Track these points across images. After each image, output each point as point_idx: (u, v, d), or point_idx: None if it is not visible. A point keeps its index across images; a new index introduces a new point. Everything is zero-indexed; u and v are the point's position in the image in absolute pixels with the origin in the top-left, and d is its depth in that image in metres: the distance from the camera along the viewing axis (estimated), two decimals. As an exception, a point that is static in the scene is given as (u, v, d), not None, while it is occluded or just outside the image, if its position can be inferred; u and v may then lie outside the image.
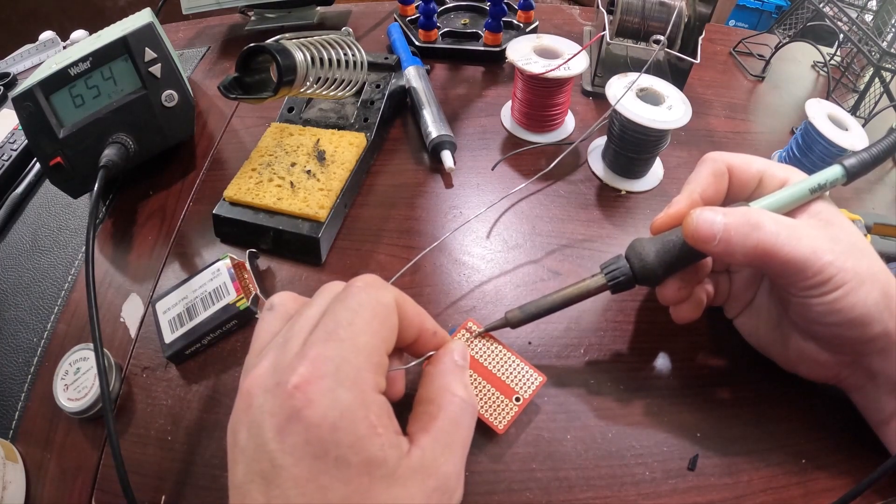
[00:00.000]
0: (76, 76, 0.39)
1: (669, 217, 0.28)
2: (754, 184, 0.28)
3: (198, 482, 0.29)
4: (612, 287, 0.28)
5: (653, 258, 0.27)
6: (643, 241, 0.28)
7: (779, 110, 0.51)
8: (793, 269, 0.24)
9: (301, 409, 0.18)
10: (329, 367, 0.19)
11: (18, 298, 0.39)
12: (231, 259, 0.35)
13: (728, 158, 0.29)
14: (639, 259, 0.28)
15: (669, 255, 0.27)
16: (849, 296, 0.23)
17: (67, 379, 0.32)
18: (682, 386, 0.30)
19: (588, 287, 0.28)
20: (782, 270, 0.24)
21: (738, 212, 0.25)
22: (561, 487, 0.27)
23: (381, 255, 0.37)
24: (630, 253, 0.28)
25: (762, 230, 0.24)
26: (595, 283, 0.28)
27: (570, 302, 0.29)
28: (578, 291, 0.28)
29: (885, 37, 0.46)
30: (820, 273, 0.23)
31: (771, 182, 0.28)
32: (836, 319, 0.24)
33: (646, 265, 0.28)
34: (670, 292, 0.29)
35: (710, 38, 0.57)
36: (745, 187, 0.29)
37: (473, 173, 0.43)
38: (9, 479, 0.29)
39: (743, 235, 0.24)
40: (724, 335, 0.32)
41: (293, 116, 0.45)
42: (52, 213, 0.44)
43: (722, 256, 0.25)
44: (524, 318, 0.29)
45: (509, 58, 0.42)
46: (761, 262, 0.25)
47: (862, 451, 0.28)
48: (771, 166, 0.28)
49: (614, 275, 0.28)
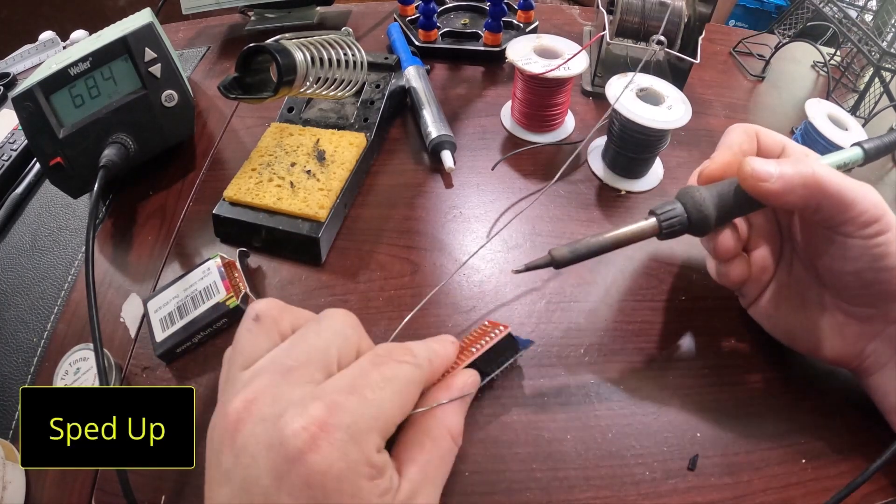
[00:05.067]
0: (76, 76, 0.39)
1: (719, 165, 0.28)
2: (779, 150, 0.29)
3: (198, 482, 0.28)
4: (666, 232, 0.27)
5: (709, 203, 0.27)
6: (698, 188, 0.27)
7: (779, 110, 0.51)
8: (846, 201, 0.24)
9: (306, 452, 0.18)
10: (345, 420, 0.19)
11: (18, 298, 0.39)
12: (221, 258, 0.35)
13: (754, 126, 0.30)
14: (695, 204, 0.27)
15: (725, 203, 0.27)
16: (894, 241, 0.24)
17: (67, 379, 0.32)
18: (682, 386, 0.30)
19: (642, 230, 0.27)
20: (836, 203, 0.24)
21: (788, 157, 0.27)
22: (561, 487, 0.27)
23: (380, 255, 0.37)
24: (684, 198, 0.27)
25: (815, 163, 0.25)
26: (649, 226, 0.27)
27: (620, 244, 0.27)
28: (630, 233, 0.27)
29: (885, 37, 0.46)
30: (868, 211, 0.24)
31: (793, 152, 0.29)
32: (882, 265, 0.24)
33: (702, 211, 0.27)
34: (731, 243, 0.28)
35: (710, 38, 0.57)
36: (772, 153, 0.29)
37: (473, 173, 0.43)
38: (9, 479, 0.29)
39: (798, 171, 0.25)
40: (725, 335, 0.32)
41: (293, 116, 0.45)
42: (52, 213, 0.44)
43: (779, 196, 0.25)
44: (572, 257, 0.26)
45: (509, 58, 0.42)
46: (818, 195, 0.25)
47: (862, 451, 0.28)
48: (791, 141, 0.29)
49: (670, 219, 0.27)
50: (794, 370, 0.31)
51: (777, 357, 0.31)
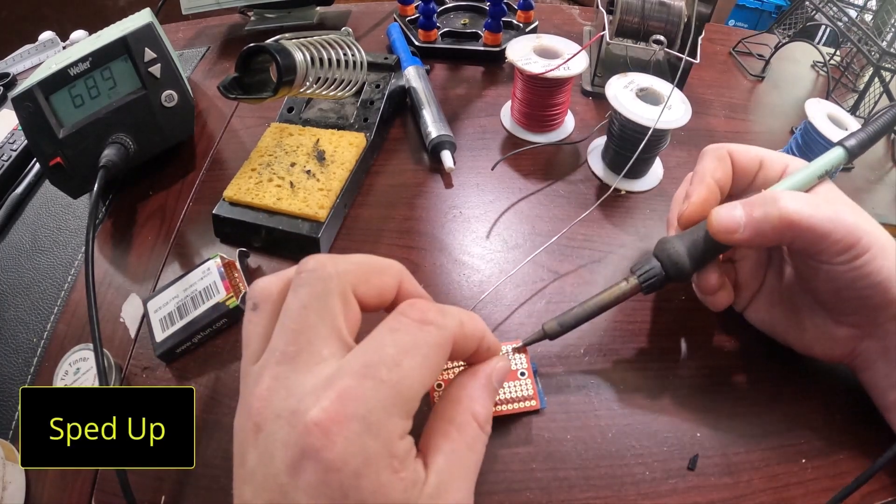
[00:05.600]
0: (76, 76, 0.39)
1: (695, 207, 0.29)
2: (755, 166, 0.29)
3: (198, 482, 0.29)
4: (646, 288, 0.28)
5: (683, 254, 0.28)
6: (671, 240, 0.28)
7: (778, 110, 0.51)
8: (819, 234, 0.24)
9: (320, 449, 0.17)
10: (359, 409, 0.17)
11: (18, 298, 0.39)
12: (221, 258, 0.35)
13: (727, 146, 0.30)
14: (669, 258, 0.28)
15: (698, 250, 0.28)
16: (876, 259, 0.24)
17: (67, 379, 0.32)
18: (682, 386, 0.30)
19: (623, 291, 0.28)
20: (809, 238, 0.25)
21: (754, 197, 0.26)
22: (561, 487, 0.27)
23: (380, 255, 0.37)
24: (660, 253, 0.29)
25: (781, 202, 0.25)
26: (629, 287, 0.28)
27: (605, 308, 0.29)
28: (613, 297, 0.28)
29: (884, 37, 0.46)
30: (843, 239, 0.24)
31: (771, 166, 0.29)
32: (865, 284, 0.24)
33: (678, 263, 0.28)
34: (713, 283, 0.29)
35: (709, 38, 0.57)
36: (748, 171, 0.29)
37: (473, 173, 0.43)
38: (9, 479, 0.29)
39: (764, 214, 0.25)
40: (725, 335, 0.32)
41: (293, 116, 0.45)
42: (51, 214, 0.44)
43: (751, 241, 0.26)
44: (562, 329, 0.29)
45: (509, 58, 0.42)
46: (789, 234, 0.25)
47: (862, 451, 0.28)
48: (768, 153, 0.29)
49: (648, 276, 0.28)
50: (793, 370, 0.31)
51: (777, 357, 0.31)
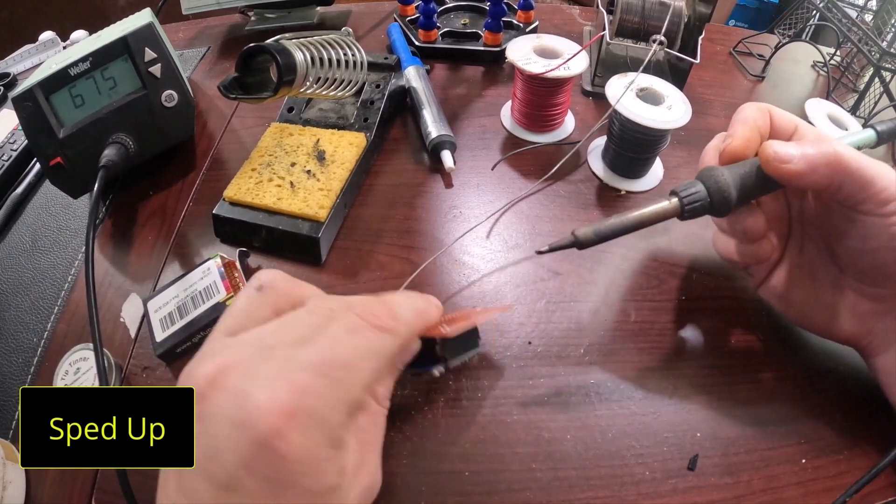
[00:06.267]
0: (76, 76, 0.39)
1: (741, 142, 0.28)
2: (792, 129, 0.29)
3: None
4: (688, 213, 0.27)
5: (730, 183, 0.27)
6: (719, 169, 0.27)
7: (779, 110, 0.51)
8: (867, 179, 0.24)
9: (270, 438, 0.18)
10: (310, 403, 0.19)
11: (18, 298, 0.39)
12: (221, 258, 0.35)
13: (766, 105, 0.29)
14: (716, 185, 0.27)
15: (746, 183, 0.27)
16: None
17: (67, 379, 0.32)
18: (682, 386, 0.30)
19: (664, 210, 0.27)
20: (858, 182, 0.25)
21: (809, 137, 0.26)
22: (561, 487, 0.27)
23: (380, 255, 0.37)
24: (706, 180, 0.27)
25: (835, 144, 0.25)
26: (671, 207, 0.27)
27: (643, 224, 0.27)
28: (653, 214, 0.27)
29: (884, 37, 0.46)
30: (887, 189, 0.24)
31: (807, 133, 0.29)
32: None
33: (724, 192, 0.27)
34: (762, 225, 0.29)
35: (710, 38, 0.57)
36: (784, 131, 0.29)
37: (473, 173, 0.43)
38: (9, 479, 0.29)
39: (820, 150, 0.25)
40: (725, 335, 0.32)
41: (293, 116, 0.45)
42: (52, 214, 0.44)
43: (802, 177, 0.25)
44: (596, 238, 0.27)
45: (509, 58, 0.42)
46: (839, 175, 0.25)
47: (863, 452, 0.28)
48: (803, 122, 0.29)
49: (692, 201, 0.27)
50: (794, 370, 0.31)
51: (777, 357, 0.31)
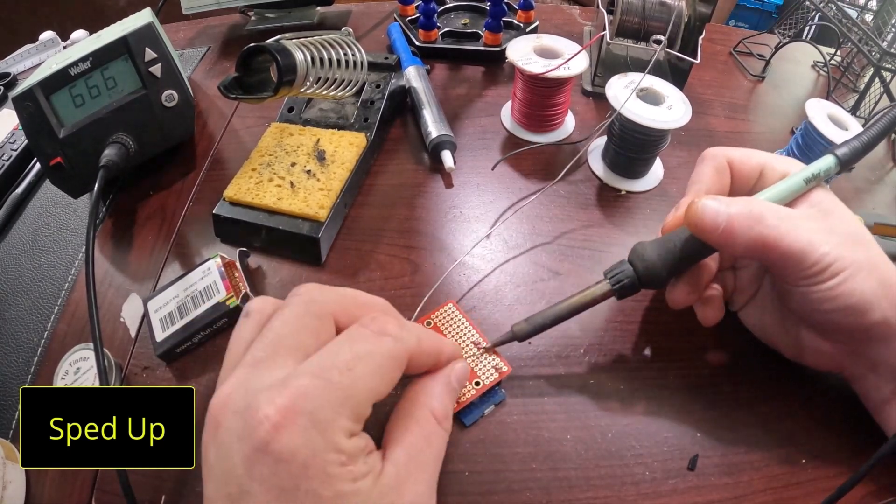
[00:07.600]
0: (76, 76, 0.39)
1: (678, 218, 0.28)
2: (755, 176, 0.29)
3: (198, 482, 0.28)
4: (618, 292, 0.28)
5: (656, 259, 0.27)
6: (645, 244, 0.28)
7: (779, 110, 0.51)
8: (791, 260, 0.24)
9: (269, 442, 0.18)
10: (307, 406, 0.18)
11: (18, 298, 0.39)
12: (221, 258, 0.35)
13: (728, 153, 0.29)
14: (641, 261, 0.28)
15: (672, 256, 0.27)
16: (846, 283, 0.24)
17: (67, 379, 0.32)
18: (682, 386, 0.30)
19: (594, 294, 0.28)
20: (781, 262, 0.25)
21: (741, 202, 0.25)
22: (561, 487, 0.27)
23: (380, 255, 0.37)
24: (633, 256, 0.28)
25: (763, 223, 0.24)
26: (600, 290, 0.28)
27: (576, 311, 0.28)
28: (584, 300, 0.28)
29: (885, 37, 0.46)
30: (817, 263, 0.24)
31: (771, 175, 0.28)
32: (834, 306, 0.24)
33: (649, 267, 0.27)
34: (680, 296, 0.29)
35: (710, 38, 0.57)
36: (747, 181, 0.29)
37: (473, 173, 0.43)
38: (9, 479, 0.29)
39: (746, 227, 0.24)
40: (725, 336, 0.32)
41: (293, 116, 0.45)
42: (52, 213, 0.44)
43: (723, 247, 0.25)
44: (531, 330, 0.28)
45: (509, 58, 0.42)
46: (761, 254, 0.25)
47: (863, 452, 0.28)
48: (771, 159, 0.29)
49: (619, 279, 0.28)
50: (793, 370, 0.31)
51: (777, 357, 0.31)
